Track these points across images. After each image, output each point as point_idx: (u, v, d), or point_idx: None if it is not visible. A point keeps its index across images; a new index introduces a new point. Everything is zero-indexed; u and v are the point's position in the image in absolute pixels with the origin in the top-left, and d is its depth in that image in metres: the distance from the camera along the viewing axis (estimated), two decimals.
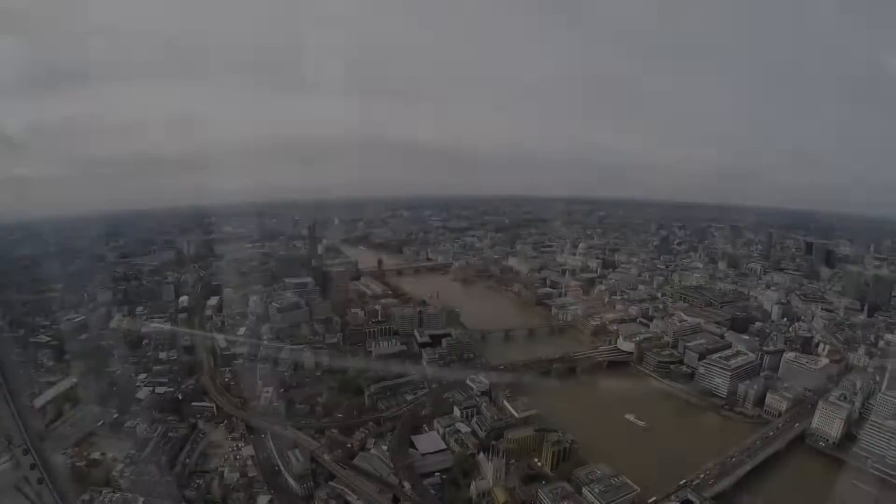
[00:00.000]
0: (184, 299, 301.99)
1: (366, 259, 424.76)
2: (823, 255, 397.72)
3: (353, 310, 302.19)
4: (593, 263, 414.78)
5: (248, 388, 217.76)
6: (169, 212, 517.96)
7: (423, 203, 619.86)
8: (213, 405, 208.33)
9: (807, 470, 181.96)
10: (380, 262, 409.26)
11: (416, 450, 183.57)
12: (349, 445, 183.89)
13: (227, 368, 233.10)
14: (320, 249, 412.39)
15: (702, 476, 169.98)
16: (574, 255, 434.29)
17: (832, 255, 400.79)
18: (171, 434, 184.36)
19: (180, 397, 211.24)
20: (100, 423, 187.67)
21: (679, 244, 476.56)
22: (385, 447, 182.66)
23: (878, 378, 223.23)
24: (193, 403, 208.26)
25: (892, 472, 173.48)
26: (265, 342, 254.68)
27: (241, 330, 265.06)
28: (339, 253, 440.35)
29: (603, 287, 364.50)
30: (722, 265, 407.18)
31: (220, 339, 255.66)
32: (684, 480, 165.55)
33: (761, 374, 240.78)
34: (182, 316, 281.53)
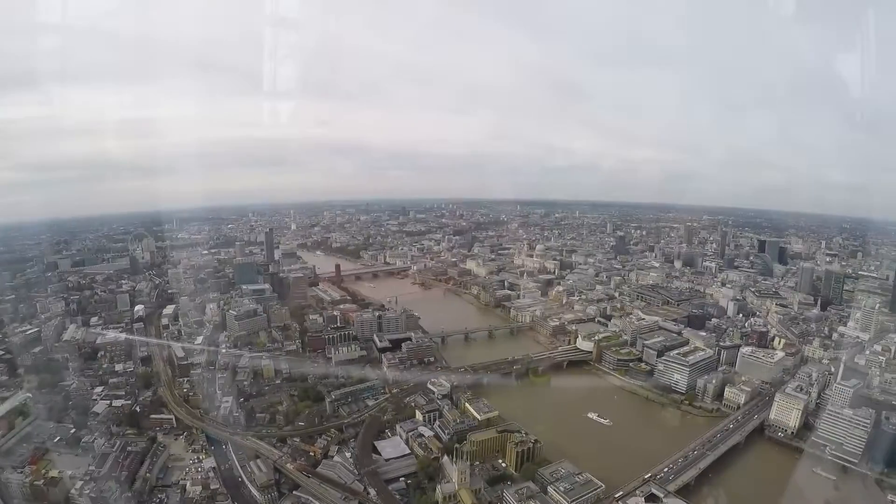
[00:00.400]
0: (139, 308, 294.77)
1: (323, 264, 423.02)
2: (776, 252, 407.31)
3: (311, 316, 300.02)
4: (551, 265, 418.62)
5: (207, 398, 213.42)
6: (122, 218, 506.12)
7: (380, 206, 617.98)
8: (173, 417, 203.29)
9: (767, 460, 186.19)
10: (338, 267, 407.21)
11: (380, 455, 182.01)
12: (312, 454, 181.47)
13: (186, 379, 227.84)
14: (277, 255, 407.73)
15: (665, 470, 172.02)
16: (531, 256, 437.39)
17: (785, 252, 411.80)
18: (130, 448, 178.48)
19: (138, 410, 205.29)
20: (56, 440, 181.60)
21: (635, 244, 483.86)
22: (348, 454, 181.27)
23: (832, 369, 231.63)
24: (152, 416, 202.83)
25: (851, 459, 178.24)
26: (223, 350, 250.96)
27: (199, 339, 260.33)
28: (296, 258, 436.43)
29: (561, 288, 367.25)
30: (678, 264, 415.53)
31: (178, 348, 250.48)
32: (648, 475, 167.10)
33: (719, 368, 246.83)
34: (138, 325, 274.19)
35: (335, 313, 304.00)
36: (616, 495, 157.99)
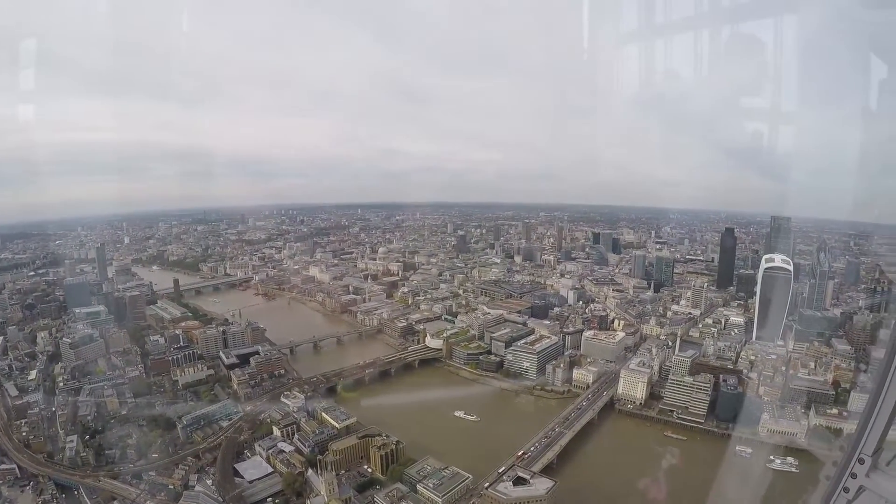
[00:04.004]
0: None
1: (161, 279, 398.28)
2: (610, 243, 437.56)
3: (152, 337, 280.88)
4: (394, 267, 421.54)
5: (49, 440, 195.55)
6: None
7: (218, 215, 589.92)
8: (15, 466, 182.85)
9: (620, 430, 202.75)
10: (176, 281, 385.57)
11: (243, 478, 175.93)
12: (172, 486, 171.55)
13: (24, 420, 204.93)
14: (111, 273, 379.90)
15: (530, 451, 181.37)
16: (375, 260, 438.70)
17: (618, 242, 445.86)
18: None
19: None
20: None
21: (476, 242, 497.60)
22: (210, 481, 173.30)
23: (670, 343, 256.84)
24: None
25: (697, 420, 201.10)
26: (61, 384, 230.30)
27: (33, 373, 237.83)
28: (131, 275, 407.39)
29: (406, 289, 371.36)
30: (518, 259, 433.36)
31: (10, 387, 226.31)
32: (514, 458, 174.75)
33: (565, 353, 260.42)
34: None
35: (177, 332, 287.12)
36: (485, 484, 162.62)
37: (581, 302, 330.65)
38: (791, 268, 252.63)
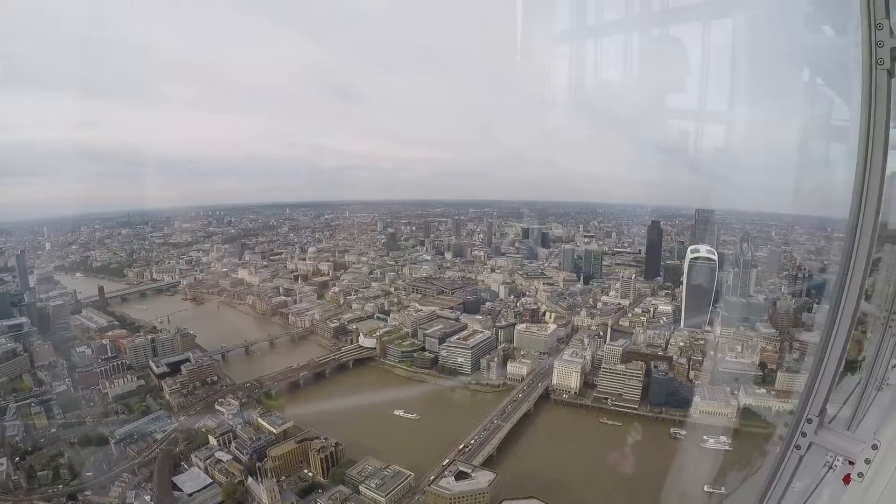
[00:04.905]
0: None
1: (85, 287, 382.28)
2: (539, 238, 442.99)
3: (78, 349, 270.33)
4: (324, 266, 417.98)
5: None
6: None
7: (143, 217, 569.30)
8: None
9: (557, 420, 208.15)
10: (101, 289, 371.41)
11: (182, 491, 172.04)
12: None
13: None
14: (32, 282, 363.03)
15: (470, 445, 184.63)
16: (304, 260, 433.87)
17: (547, 237, 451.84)
18: None
19: None
20: None
21: (406, 240, 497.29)
22: (148, 497, 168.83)
23: (601, 333, 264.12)
24: None
25: (631, 406, 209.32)
26: None
27: None
28: (54, 283, 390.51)
29: (337, 289, 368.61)
30: (448, 255, 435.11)
31: None
32: (454, 453, 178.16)
33: (499, 347, 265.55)
34: None
35: (104, 342, 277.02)
36: (428, 480, 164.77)
37: (512, 296, 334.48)
38: (716, 257, 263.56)
